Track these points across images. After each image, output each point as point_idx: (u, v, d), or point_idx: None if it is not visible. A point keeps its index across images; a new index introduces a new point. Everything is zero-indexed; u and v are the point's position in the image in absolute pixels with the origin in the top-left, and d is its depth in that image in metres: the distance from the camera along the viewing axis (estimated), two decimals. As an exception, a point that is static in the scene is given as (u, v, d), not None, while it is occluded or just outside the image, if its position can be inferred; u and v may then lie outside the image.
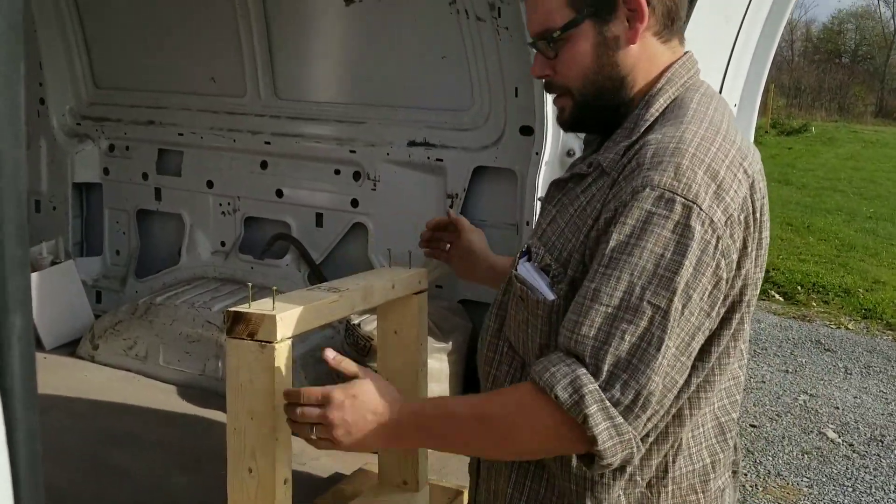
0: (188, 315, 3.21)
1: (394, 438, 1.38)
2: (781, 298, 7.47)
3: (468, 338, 2.85)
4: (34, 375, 0.71)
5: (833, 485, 4.14)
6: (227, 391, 1.57)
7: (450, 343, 2.76)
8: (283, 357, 1.53)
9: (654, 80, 1.35)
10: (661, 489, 1.35)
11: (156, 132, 3.67)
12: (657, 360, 1.16)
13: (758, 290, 1.36)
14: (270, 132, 3.43)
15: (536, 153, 2.65)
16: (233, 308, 1.54)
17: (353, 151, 3.24)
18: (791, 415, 4.95)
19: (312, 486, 2.22)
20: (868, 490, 4.11)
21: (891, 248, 9.24)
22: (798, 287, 7.66)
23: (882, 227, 10.32)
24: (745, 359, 1.44)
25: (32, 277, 3.26)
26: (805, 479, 4.19)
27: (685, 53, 1.40)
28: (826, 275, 7.98)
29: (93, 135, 3.81)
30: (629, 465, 1.30)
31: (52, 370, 3.04)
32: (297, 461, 2.46)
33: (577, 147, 2.62)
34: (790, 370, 5.69)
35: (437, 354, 2.68)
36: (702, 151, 1.22)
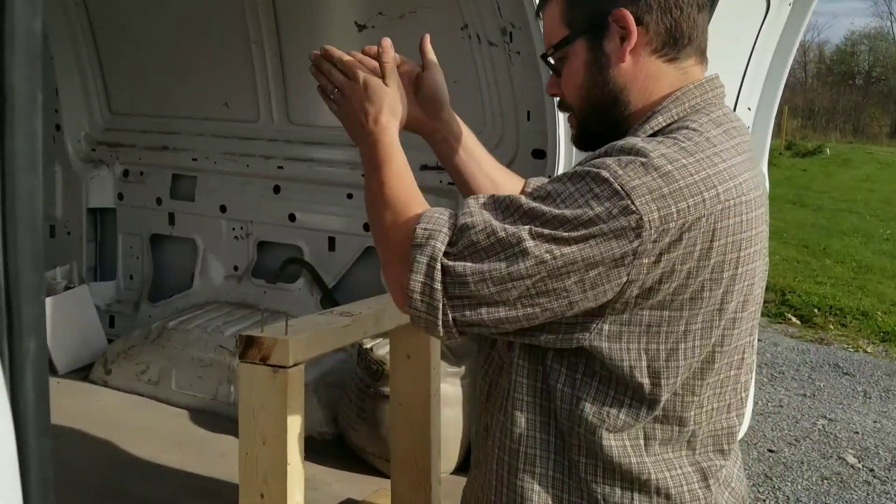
0: (200, 339, 3.21)
1: (359, 140, 1.47)
2: (798, 321, 7.41)
3: (481, 362, 2.84)
4: (47, 401, 0.71)
5: (853, 511, 4.07)
6: (240, 415, 1.56)
7: (463, 367, 2.75)
8: (296, 381, 1.52)
9: (659, 100, 1.33)
10: None
11: (170, 157, 3.70)
12: (499, 272, 1.19)
13: (738, 332, 1.31)
14: (283, 157, 3.45)
15: (549, 176, 2.65)
16: (245, 332, 1.55)
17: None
18: (810, 440, 4.89)
19: (325, 512, 2.20)
20: (889, 516, 4.04)
21: (908, 270, 9.17)
22: (815, 310, 7.60)
23: (899, 249, 10.24)
24: (730, 408, 1.38)
25: (46, 302, 3.28)
26: (824, 505, 4.12)
27: (709, 76, 1.37)
28: (843, 297, 7.91)
29: (107, 160, 3.84)
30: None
31: (65, 395, 3.05)
32: (310, 486, 2.45)
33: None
34: (808, 394, 5.63)
35: (451, 379, 2.67)
36: (668, 159, 1.19)
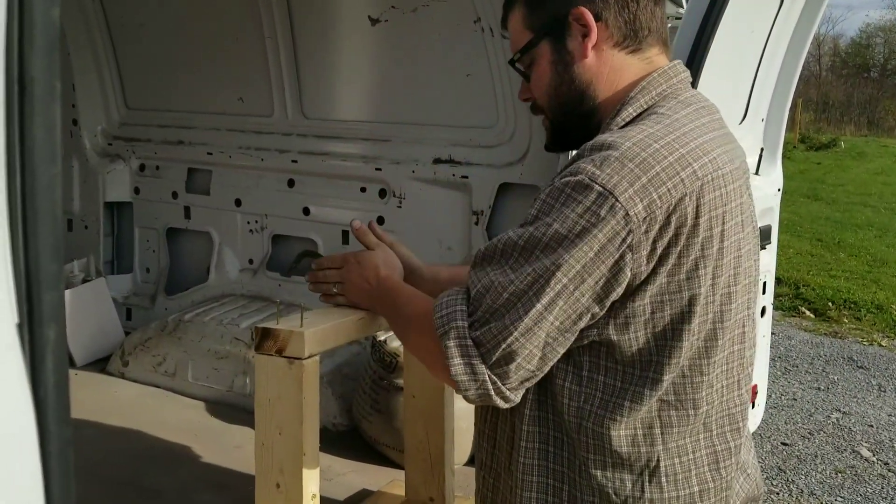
0: (216, 332, 3.24)
1: (374, 302, 1.60)
2: (812, 315, 7.37)
3: (494, 354, 2.85)
4: (67, 389, 0.72)
5: (868, 505, 4.06)
6: (256, 406, 1.58)
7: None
8: (311, 373, 1.54)
9: (626, 90, 1.37)
10: None
11: (185, 152, 3.72)
12: (523, 320, 1.22)
13: (736, 305, 1.32)
14: (297, 151, 3.46)
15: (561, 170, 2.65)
16: (261, 325, 1.56)
17: (379, 169, 3.26)
18: (824, 433, 4.87)
19: (339, 502, 2.22)
20: (904, 510, 4.02)
21: (924, 264, 9.09)
22: (829, 303, 7.55)
23: (915, 243, 10.15)
24: (740, 384, 1.39)
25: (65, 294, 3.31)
26: (839, 499, 4.11)
27: (672, 63, 1.40)
28: (858, 291, 7.86)
29: (124, 155, 3.87)
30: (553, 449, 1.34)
31: (83, 386, 3.08)
32: (325, 476, 2.47)
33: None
34: (822, 387, 5.60)
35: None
36: (640, 146, 1.22)
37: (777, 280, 7.83)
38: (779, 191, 3.26)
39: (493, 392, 1.27)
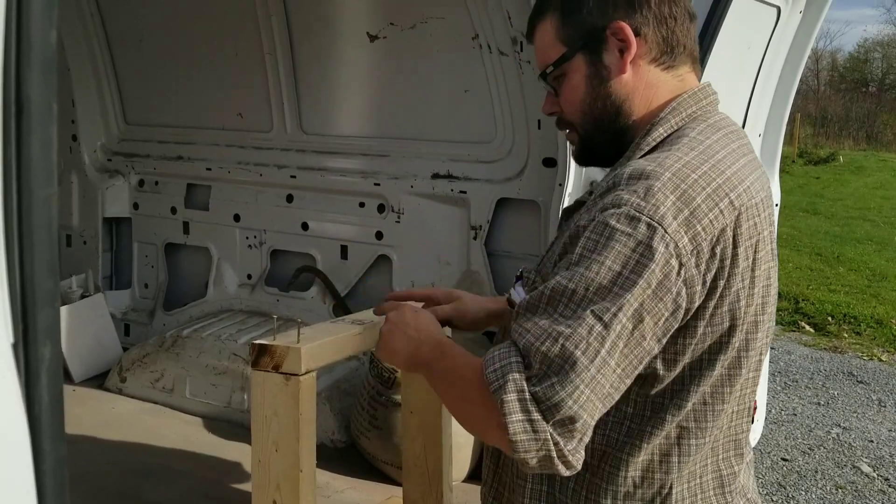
0: (214, 347, 3.23)
1: (415, 350, 1.45)
2: (812, 329, 7.36)
3: (493, 370, 2.84)
4: (62, 407, 0.72)
5: (868, 520, 4.04)
6: (252, 423, 1.57)
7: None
8: (308, 389, 1.54)
9: (659, 109, 1.35)
10: None
11: (184, 167, 3.73)
12: (588, 372, 1.13)
13: (760, 333, 1.31)
14: (296, 166, 3.47)
15: (559, 184, 2.66)
16: (258, 341, 1.56)
17: (378, 184, 3.27)
18: (824, 448, 4.85)
19: (337, 520, 2.21)
20: (905, 526, 4.00)
21: (923, 278, 9.09)
22: (829, 318, 7.55)
23: (914, 257, 10.15)
24: (749, 411, 1.38)
25: (62, 310, 3.31)
26: (839, 515, 4.09)
27: (702, 84, 1.39)
28: (857, 305, 7.86)
29: (123, 170, 3.88)
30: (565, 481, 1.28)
31: (81, 402, 3.07)
32: (322, 493, 2.46)
33: (601, 178, 2.63)
34: (822, 402, 5.59)
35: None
36: (679, 176, 1.19)
37: (777, 295, 7.84)
38: (776, 206, 3.27)
39: (556, 455, 1.15)
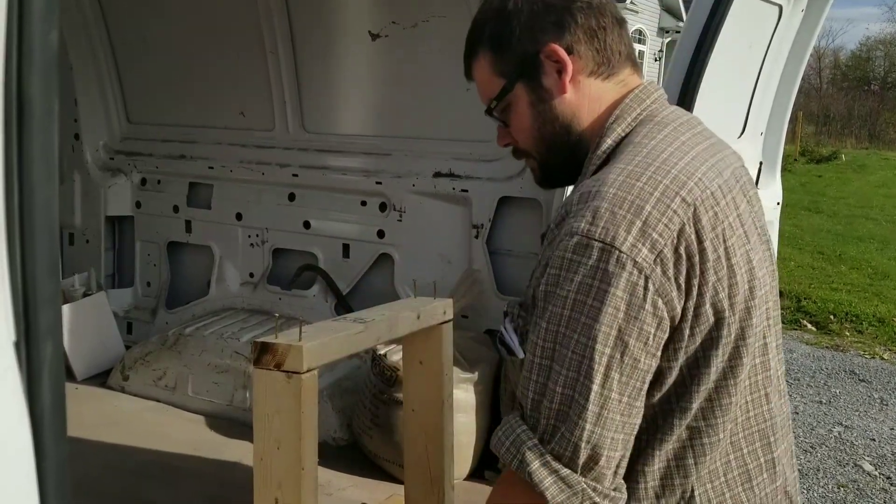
0: (217, 346, 3.24)
1: None
2: (814, 328, 7.36)
3: (494, 368, 2.85)
4: (64, 407, 0.72)
5: (870, 519, 4.04)
6: (254, 420, 1.58)
7: (476, 373, 2.76)
8: (310, 387, 1.54)
9: (606, 117, 1.35)
10: None
11: (187, 166, 3.73)
12: (588, 411, 1.14)
13: (756, 318, 1.28)
14: (298, 165, 3.48)
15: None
16: (260, 339, 1.56)
17: (380, 183, 3.27)
18: (826, 447, 4.85)
19: (339, 518, 2.21)
20: (907, 525, 4.00)
21: (926, 277, 9.07)
22: (831, 316, 7.55)
23: (916, 255, 10.14)
24: (769, 397, 1.35)
25: (65, 309, 3.32)
26: (841, 514, 4.09)
27: (642, 84, 1.39)
28: (859, 304, 7.86)
29: (125, 169, 3.89)
30: None
31: (83, 400, 3.08)
32: (324, 491, 2.46)
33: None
34: (824, 401, 5.59)
35: (464, 385, 2.68)
36: (624, 189, 1.18)
37: (779, 293, 7.84)
38: (778, 204, 3.27)
39: (599, 499, 1.16)
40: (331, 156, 3.42)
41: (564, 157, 1.39)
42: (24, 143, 0.67)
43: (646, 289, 1.14)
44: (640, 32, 26.30)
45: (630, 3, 23.45)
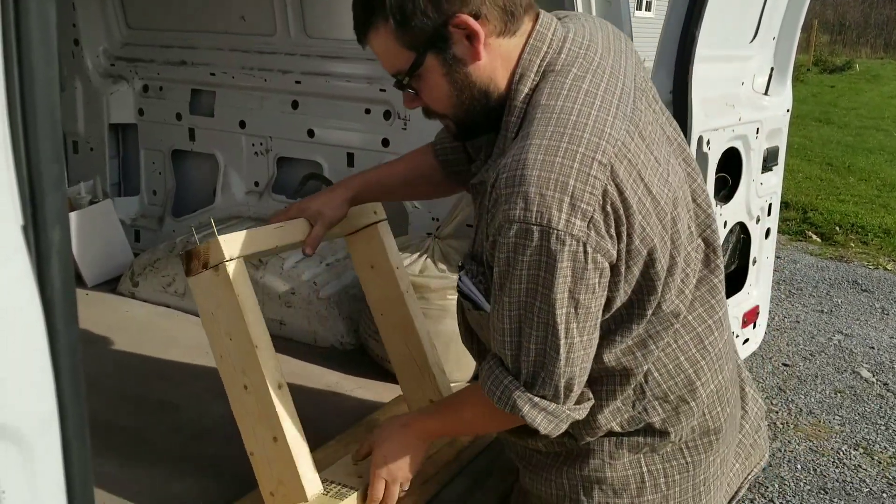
0: (224, 253, 3.26)
1: (424, 450, 1.71)
2: (819, 239, 7.37)
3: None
4: (73, 289, 0.74)
5: (865, 423, 4.14)
6: (204, 325, 1.66)
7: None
8: (239, 273, 1.61)
9: (514, 76, 1.40)
10: (649, 406, 1.50)
11: (188, 72, 3.69)
12: (560, 359, 1.35)
13: (679, 225, 1.41)
14: (301, 71, 3.43)
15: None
16: (183, 250, 1.63)
17: (384, 90, 3.23)
18: (825, 354, 4.93)
19: (346, 417, 2.28)
20: (901, 428, 4.10)
21: (934, 189, 9.02)
22: (836, 228, 7.55)
23: (926, 167, 10.06)
24: (710, 266, 1.54)
25: (72, 216, 3.33)
26: (837, 418, 4.19)
27: (535, 27, 1.40)
28: (866, 215, 7.84)
29: (127, 76, 3.84)
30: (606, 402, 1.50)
31: (94, 306, 3.13)
32: (334, 392, 2.54)
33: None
34: (825, 310, 5.65)
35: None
36: (546, 169, 1.26)
37: (785, 204, 7.81)
38: (788, 111, 3.23)
39: (578, 415, 1.44)
40: (334, 62, 3.36)
41: (484, 117, 1.43)
42: (22, 24, 0.67)
43: (586, 253, 1.28)
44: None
45: None
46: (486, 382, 1.44)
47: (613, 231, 1.30)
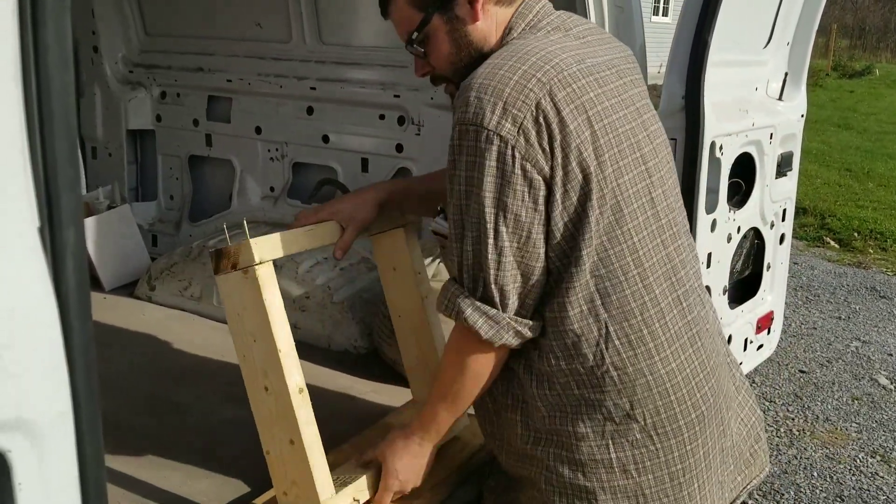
0: (239, 257, 3.29)
1: (431, 454, 1.75)
2: (837, 245, 7.32)
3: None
4: (87, 287, 0.76)
5: (883, 430, 4.11)
6: (229, 324, 1.67)
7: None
8: (268, 277, 1.64)
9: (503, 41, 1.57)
10: (609, 364, 1.53)
11: (205, 79, 3.73)
12: (489, 259, 1.43)
13: (629, 175, 1.49)
14: (316, 78, 3.46)
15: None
16: (214, 248, 1.65)
17: (398, 96, 3.25)
18: (842, 361, 4.89)
19: (359, 420, 2.29)
20: (918, 436, 4.06)
21: (954, 195, 8.93)
22: (855, 234, 7.49)
23: (946, 173, 9.95)
24: (665, 243, 1.57)
25: (90, 221, 3.38)
26: (854, 425, 4.16)
27: (521, 6, 1.58)
28: (885, 221, 7.78)
29: (145, 82, 3.89)
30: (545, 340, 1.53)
31: (112, 310, 3.17)
32: (348, 396, 2.55)
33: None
34: (843, 317, 5.61)
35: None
36: (489, 78, 1.42)
37: (803, 210, 7.76)
38: (802, 116, 3.22)
39: (520, 328, 1.48)
40: (348, 68, 3.39)
41: None
42: (39, 33, 0.69)
43: (513, 157, 1.39)
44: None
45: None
46: (440, 298, 1.52)
47: (546, 145, 1.40)
